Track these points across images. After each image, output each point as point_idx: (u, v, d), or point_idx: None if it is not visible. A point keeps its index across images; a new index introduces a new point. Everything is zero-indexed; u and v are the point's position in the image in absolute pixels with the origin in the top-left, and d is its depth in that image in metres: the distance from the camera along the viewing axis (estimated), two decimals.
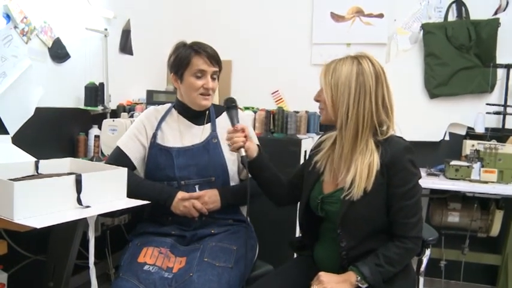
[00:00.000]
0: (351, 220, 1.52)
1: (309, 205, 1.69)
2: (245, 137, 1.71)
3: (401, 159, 1.51)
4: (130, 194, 1.73)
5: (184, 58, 1.87)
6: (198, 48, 1.86)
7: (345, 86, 1.52)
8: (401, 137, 1.58)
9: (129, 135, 1.97)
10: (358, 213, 1.51)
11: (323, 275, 1.52)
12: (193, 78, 1.87)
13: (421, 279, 1.86)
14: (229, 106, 1.78)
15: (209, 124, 1.96)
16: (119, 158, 1.92)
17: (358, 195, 1.48)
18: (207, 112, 1.98)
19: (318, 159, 1.69)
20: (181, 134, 1.94)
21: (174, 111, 2.00)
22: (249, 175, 1.74)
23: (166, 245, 1.78)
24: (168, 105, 2.05)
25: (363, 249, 1.54)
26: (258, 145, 1.78)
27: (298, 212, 1.77)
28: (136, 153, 1.94)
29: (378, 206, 1.52)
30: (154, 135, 1.94)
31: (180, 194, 1.81)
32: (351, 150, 1.54)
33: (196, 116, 1.96)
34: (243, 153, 1.68)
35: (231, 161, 1.91)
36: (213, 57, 1.87)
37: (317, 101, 1.64)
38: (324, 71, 1.58)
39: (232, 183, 1.92)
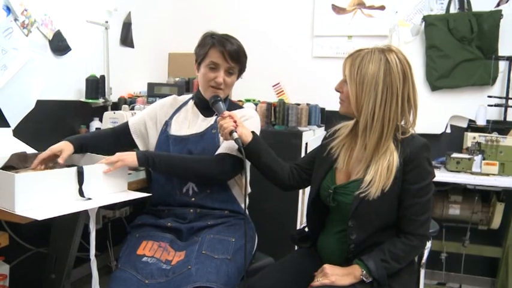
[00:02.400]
0: (363, 214, 1.52)
1: (319, 194, 1.68)
2: (235, 122, 1.70)
3: (419, 156, 1.50)
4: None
5: (203, 47, 1.89)
6: (217, 42, 1.86)
7: (371, 86, 1.49)
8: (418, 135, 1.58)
9: (140, 115, 2.05)
10: (371, 207, 1.50)
11: (328, 267, 1.52)
12: (207, 69, 1.88)
13: (422, 271, 1.87)
14: (214, 101, 1.80)
15: (216, 116, 1.96)
16: (122, 129, 2.03)
17: (375, 195, 1.48)
18: None
19: (333, 146, 1.68)
20: (188, 124, 1.96)
21: (190, 102, 2.03)
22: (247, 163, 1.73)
23: (166, 240, 1.79)
24: (189, 95, 2.08)
25: (370, 242, 1.54)
26: (253, 132, 1.77)
27: (308, 199, 1.76)
28: (137, 132, 2.00)
29: (392, 202, 1.52)
30: (167, 123, 1.97)
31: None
32: (372, 151, 1.53)
33: (207, 107, 1.96)
34: (236, 136, 1.67)
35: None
36: (231, 53, 1.85)
37: (337, 91, 1.62)
38: (349, 64, 1.54)
39: None
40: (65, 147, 1.82)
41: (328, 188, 1.62)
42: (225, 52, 1.84)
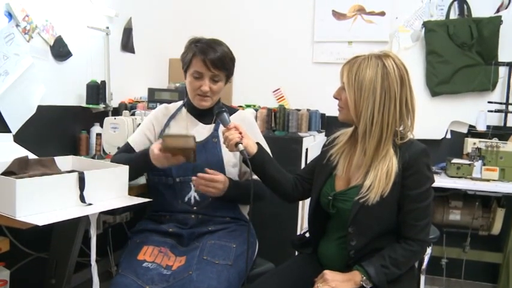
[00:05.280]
0: (363, 220, 1.52)
1: (319, 201, 1.68)
2: (240, 133, 1.69)
3: (418, 162, 1.51)
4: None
5: (187, 56, 1.87)
6: (199, 50, 1.83)
7: (370, 91, 1.50)
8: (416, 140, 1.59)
9: (138, 132, 2.03)
10: (371, 213, 1.50)
11: (328, 273, 1.52)
12: (192, 78, 1.87)
13: (422, 277, 1.87)
14: (218, 112, 1.76)
15: (214, 124, 1.96)
16: (125, 151, 1.98)
17: (374, 200, 1.48)
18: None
19: (333, 153, 1.68)
20: (187, 132, 1.95)
21: (183, 109, 2.01)
22: (253, 175, 1.72)
23: (167, 245, 1.79)
24: (180, 103, 2.06)
25: (371, 248, 1.54)
26: (258, 143, 1.76)
27: (308, 206, 1.76)
28: (142, 148, 1.96)
29: (391, 207, 1.52)
30: (161, 132, 1.96)
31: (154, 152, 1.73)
32: (372, 157, 1.53)
33: (203, 115, 1.96)
34: (242, 148, 1.65)
35: (231, 163, 1.90)
36: (213, 62, 1.82)
37: (336, 98, 1.63)
38: (347, 70, 1.55)
39: None
40: None
41: (327, 194, 1.63)
42: (207, 61, 1.81)
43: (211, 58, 1.81)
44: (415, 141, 1.57)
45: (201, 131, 1.95)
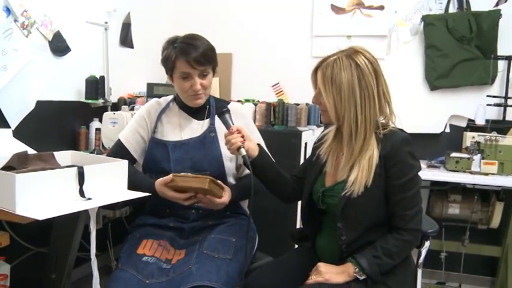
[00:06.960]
0: (350, 213, 1.53)
1: (312, 197, 1.69)
2: (242, 137, 1.68)
3: (399, 151, 1.51)
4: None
5: (168, 60, 1.82)
6: (180, 51, 1.78)
7: (349, 94, 1.50)
8: (400, 129, 1.59)
9: (130, 128, 1.99)
10: (357, 206, 1.51)
11: (322, 266, 1.54)
12: (180, 80, 1.82)
13: (419, 271, 1.87)
14: (221, 112, 1.73)
15: (209, 119, 1.95)
16: (119, 151, 1.95)
17: (359, 192, 1.49)
18: (207, 107, 1.97)
19: (322, 150, 1.70)
20: (181, 128, 1.94)
21: (175, 105, 2.00)
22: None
23: (166, 238, 1.79)
24: (170, 97, 2.04)
25: (363, 242, 1.55)
26: (258, 144, 1.75)
27: (300, 204, 1.77)
28: (136, 147, 1.96)
29: (377, 198, 1.53)
30: (154, 129, 1.94)
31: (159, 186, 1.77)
32: (358, 153, 1.54)
33: (196, 111, 1.95)
34: (244, 153, 1.66)
35: (228, 157, 1.89)
36: (198, 59, 1.77)
37: (315, 103, 1.64)
38: (321, 76, 1.55)
39: (229, 179, 1.91)
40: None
41: (317, 191, 1.65)
42: (191, 60, 1.77)
43: (194, 56, 1.77)
44: (397, 131, 1.57)
45: (196, 127, 1.94)
